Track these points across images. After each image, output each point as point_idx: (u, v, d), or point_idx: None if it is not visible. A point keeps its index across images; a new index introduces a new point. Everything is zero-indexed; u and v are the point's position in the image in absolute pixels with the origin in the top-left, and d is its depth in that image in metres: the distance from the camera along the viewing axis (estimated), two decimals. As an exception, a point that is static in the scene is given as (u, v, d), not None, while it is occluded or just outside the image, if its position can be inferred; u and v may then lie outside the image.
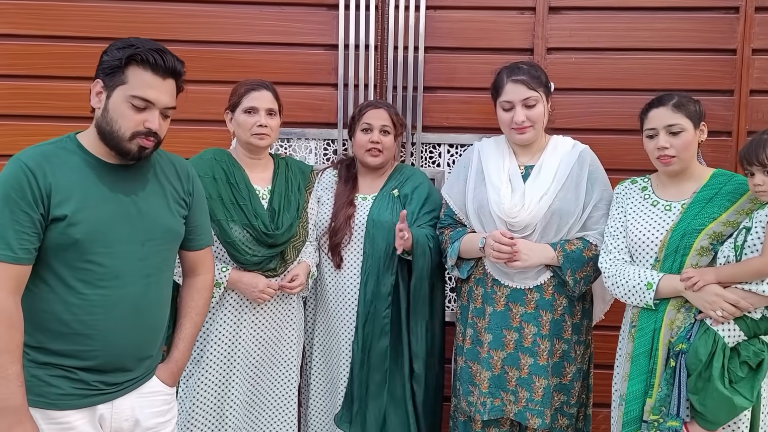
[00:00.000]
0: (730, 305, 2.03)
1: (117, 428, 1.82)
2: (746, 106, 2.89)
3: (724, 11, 2.92)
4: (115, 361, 1.79)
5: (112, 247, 1.74)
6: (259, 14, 3.00)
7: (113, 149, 1.77)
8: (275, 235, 2.42)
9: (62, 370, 1.73)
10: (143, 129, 1.75)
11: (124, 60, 1.73)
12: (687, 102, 2.22)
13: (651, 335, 2.18)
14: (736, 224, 2.14)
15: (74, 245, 1.70)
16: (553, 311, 2.38)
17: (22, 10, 2.97)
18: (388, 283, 2.55)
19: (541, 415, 2.34)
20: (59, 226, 1.69)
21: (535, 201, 2.36)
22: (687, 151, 2.21)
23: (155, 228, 1.83)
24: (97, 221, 1.72)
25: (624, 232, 2.30)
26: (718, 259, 2.13)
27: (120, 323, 1.77)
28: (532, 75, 2.41)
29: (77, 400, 1.75)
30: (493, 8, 2.98)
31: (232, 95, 2.52)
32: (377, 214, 2.59)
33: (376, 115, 2.63)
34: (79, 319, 1.72)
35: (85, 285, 1.72)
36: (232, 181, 2.44)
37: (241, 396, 2.47)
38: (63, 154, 1.75)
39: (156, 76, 1.76)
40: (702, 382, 2.03)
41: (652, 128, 2.23)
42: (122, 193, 1.79)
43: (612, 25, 2.94)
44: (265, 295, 2.41)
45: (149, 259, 1.82)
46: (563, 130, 2.86)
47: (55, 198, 1.68)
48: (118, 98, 1.74)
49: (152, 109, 1.76)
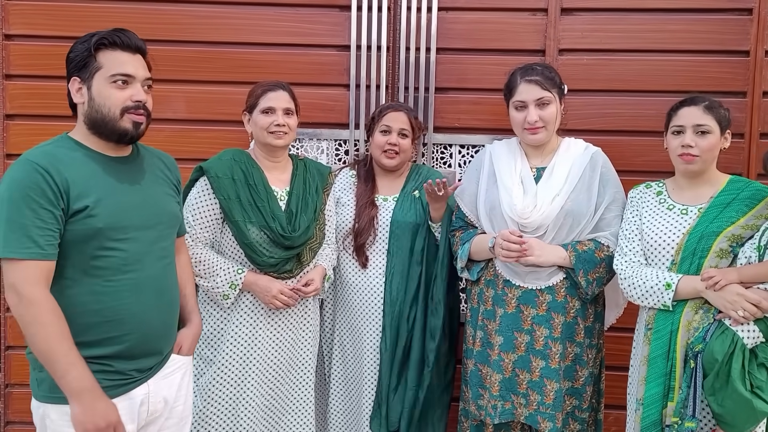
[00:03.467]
0: (751, 305, 2.04)
1: (153, 410, 1.91)
2: (759, 108, 2.89)
3: (738, 13, 2.91)
4: (147, 343, 1.88)
5: (130, 233, 1.83)
6: (274, 16, 3.03)
7: (109, 134, 1.85)
8: (292, 237, 2.44)
9: (97, 365, 1.78)
10: (131, 103, 1.84)
11: (92, 48, 1.82)
12: (718, 106, 2.25)
13: (668, 337, 2.18)
14: (755, 227, 2.15)
15: (97, 234, 1.77)
16: (565, 314, 2.38)
17: (39, 10, 3.02)
18: (416, 279, 2.61)
19: (552, 419, 2.34)
20: (80, 218, 1.76)
21: (548, 202, 2.37)
22: (710, 152, 2.23)
23: (162, 213, 1.95)
24: (115, 210, 1.81)
25: (639, 235, 2.31)
26: (739, 260, 2.14)
27: (148, 305, 1.87)
28: (546, 76, 2.42)
29: (113, 390, 1.81)
30: (505, 9, 2.99)
31: (249, 96, 2.55)
32: (402, 216, 2.64)
33: (395, 118, 2.66)
34: (109, 306, 1.80)
35: (111, 272, 1.80)
36: (251, 182, 2.47)
37: (256, 398, 2.48)
38: (66, 151, 1.82)
39: (126, 53, 1.86)
40: (720, 382, 2.03)
41: (680, 125, 2.24)
42: (128, 183, 1.88)
43: (624, 26, 2.94)
44: (277, 301, 2.42)
45: (161, 243, 1.93)
46: (575, 131, 2.86)
47: (73, 192, 1.75)
48: (99, 83, 1.83)
49: (134, 82, 1.86)
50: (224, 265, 2.44)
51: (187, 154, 2.86)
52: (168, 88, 2.99)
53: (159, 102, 2.94)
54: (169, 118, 3.03)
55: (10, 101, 3.05)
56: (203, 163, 2.50)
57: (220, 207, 2.44)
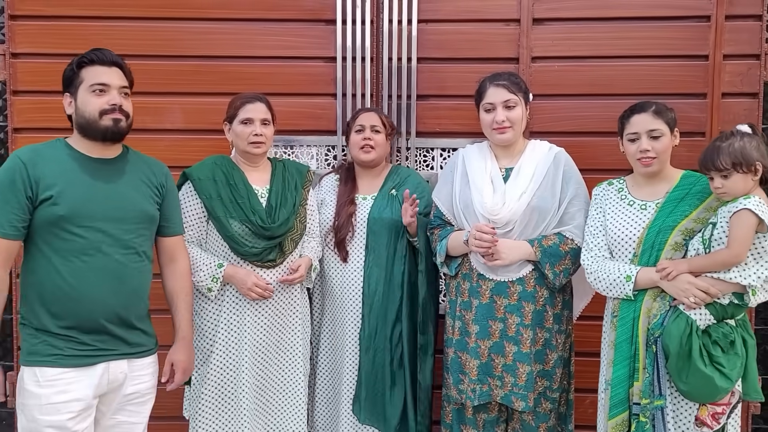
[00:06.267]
0: (701, 292, 2.22)
1: (113, 379, 2.17)
2: (718, 109, 3.05)
3: (697, 20, 3.08)
4: (101, 321, 2.13)
5: (92, 224, 2.12)
6: (264, 31, 3.19)
7: (95, 134, 2.16)
8: (272, 228, 2.62)
9: (63, 336, 2.09)
10: (108, 106, 2.15)
11: (75, 66, 2.19)
12: (665, 110, 2.41)
13: (631, 324, 2.37)
14: (705, 221, 2.33)
15: (59, 221, 2.08)
16: (535, 302, 2.55)
17: (43, 30, 3.18)
18: (399, 275, 2.78)
19: (524, 398, 2.52)
20: (45, 205, 2.08)
21: (515, 199, 2.54)
22: (665, 153, 2.41)
23: (131, 209, 2.20)
24: (77, 201, 2.10)
25: (603, 230, 2.48)
26: (689, 252, 2.31)
27: (102, 286, 2.12)
28: (513, 81, 2.61)
29: (75, 360, 2.10)
30: (481, 21, 3.16)
31: (229, 107, 2.72)
32: (378, 213, 2.81)
33: (367, 117, 2.86)
34: (68, 282, 2.10)
35: (72, 254, 2.10)
36: (231, 182, 2.65)
37: (250, 379, 2.64)
38: (51, 150, 2.17)
39: (102, 66, 2.19)
40: (682, 362, 2.21)
41: (635, 132, 2.40)
42: (102, 180, 2.17)
43: (592, 34, 3.11)
44: (252, 292, 2.58)
45: (127, 235, 2.18)
46: (548, 133, 3.05)
47: (42, 183, 2.08)
48: (82, 94, 2.17)
49: (110, 90, 2.17)
50: (206, 260, 2.61)
51: (185, 162, 2.93)
52: (165, 101, 3.16)
53: (157, 113, 3.18)
54: (167, 129, 3.19)
55: (17, 115, 3.20)
56: (187, 169, 2.69)
57: (203, 206, 2.63)
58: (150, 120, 3.15)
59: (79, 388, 2.09)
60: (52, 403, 2.06)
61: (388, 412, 2.76)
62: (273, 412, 2.74)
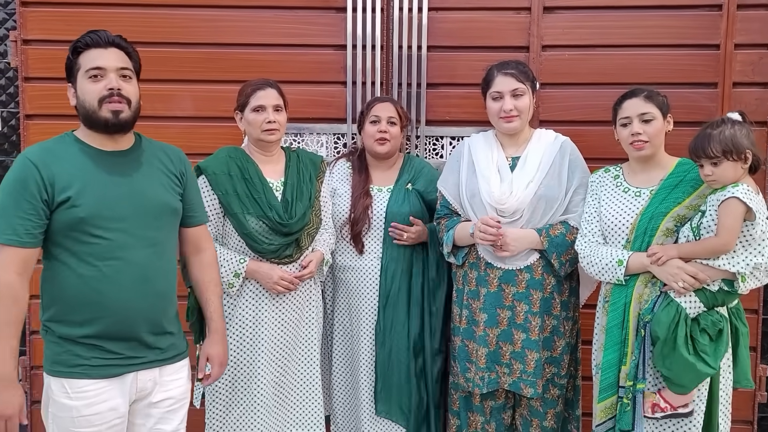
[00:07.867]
0: (690, 277, 2.24)
1: (141, 387, 2.04)
2: (729, 98, 3.04)
3: (708, 9, 3.07)
4: (128, 327, 1.99)
5: (114, 223, 1.96)
6: (274, 18, 3.19)
7: (97, 126, 1.99)
8: (289, 224, 2.58)
9: (88, 345, 1.96)
10: (106, 92, 1.96)
11: (71, 53, 2.00)
12: (656, 94, 2.43)
13: (622, 309, 2.40)
14: (697, 208, 2.34)
15: (80, 223, 1.92)
16: (542, 290, 2.57)
17: (54, 17, 3.18)
18: (417, 267, 2.80)
19: (533, 385, 2.54)
20: (64, 208, 1.91)
21: (522, 188, 2.56)
22: (657, 137, 2.42)
23: (152, 204, 2.04)
24: (97, 201, 1.94)
25: (598, 217, 2.50)
26: (680, 239, 2.34)
27: (130, 290, 1.97)
28: (520, 70, 2.61)
29: (103, 370, 1.97)
30: (491, 9, 3.15)
31: (239, 95, 2.68)
32: (397, 207, 2.81)
33: (383, 108, 2.83)
34: (93, 288, 1.94)
35: (95, 258, 1.94)
36: (247, 176, 2.59)
37: (267, 375, 2.62)
38: (63, 147, 1.99)
39: (98, 49, 1.99)
40: (668, 348, 2.24)
41: (627, 117, 2.43)
42: (118, 175, 2.00)
43: (602, 23, 3.11)
44: (279, 286, 2.56)
45: (151, 232, 2.02)
46: (558, 122, 3.05)
47: (58, 185, 1.91)
48: (81, 82, 1.99)
49: (107, 74, 1.98)
50: (227, 255, 2.56)
51: (196, 149, 2.94)
52: (176, 88, 3.17)
53: (168, 101, 3.19)
54: (177, 116, 3.20)
55: (29, 102, 3.21)
56: (200, 162, 2.62)
57: (219, 202, 2.57)
58: (161, 107, 3.16)
59: (110, 397, 1.98)
60: (84, 415, 1.95)
61: (404, 405, 2.77)
62: (292, 406, 2.73)
